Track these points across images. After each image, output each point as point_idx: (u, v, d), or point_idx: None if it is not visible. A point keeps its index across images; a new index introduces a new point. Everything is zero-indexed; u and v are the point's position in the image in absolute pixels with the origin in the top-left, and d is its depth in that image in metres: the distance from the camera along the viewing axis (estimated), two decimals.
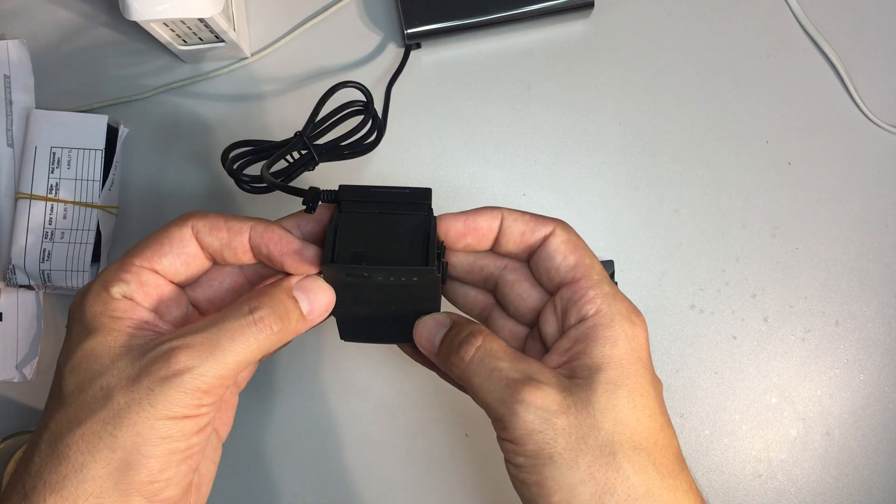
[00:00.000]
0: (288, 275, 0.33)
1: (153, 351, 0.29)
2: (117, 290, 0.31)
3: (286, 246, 0.33)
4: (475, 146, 0.50)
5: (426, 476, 0.48)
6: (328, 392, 0.48)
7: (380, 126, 0.40)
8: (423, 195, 0.34)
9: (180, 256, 0.33)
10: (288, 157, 0.39)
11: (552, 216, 0.35)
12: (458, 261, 0.37)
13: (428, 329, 0.34)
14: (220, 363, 0.29)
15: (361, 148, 0.41)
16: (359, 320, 0.36)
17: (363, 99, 0.39)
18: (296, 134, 0.40)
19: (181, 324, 0.34)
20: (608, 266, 0.48)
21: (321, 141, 0.40)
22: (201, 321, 0.30)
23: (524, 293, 0.35)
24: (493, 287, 0.37)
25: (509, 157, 0.50)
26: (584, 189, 0.49)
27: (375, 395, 0.48)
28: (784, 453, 0.48)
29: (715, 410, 0.48)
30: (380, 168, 0.49)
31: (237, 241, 0.33)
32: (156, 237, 0.33)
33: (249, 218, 0.34)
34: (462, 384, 0.33)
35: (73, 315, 0.31)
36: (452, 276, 0.37)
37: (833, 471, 0.48)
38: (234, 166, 0.39)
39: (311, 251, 0.33)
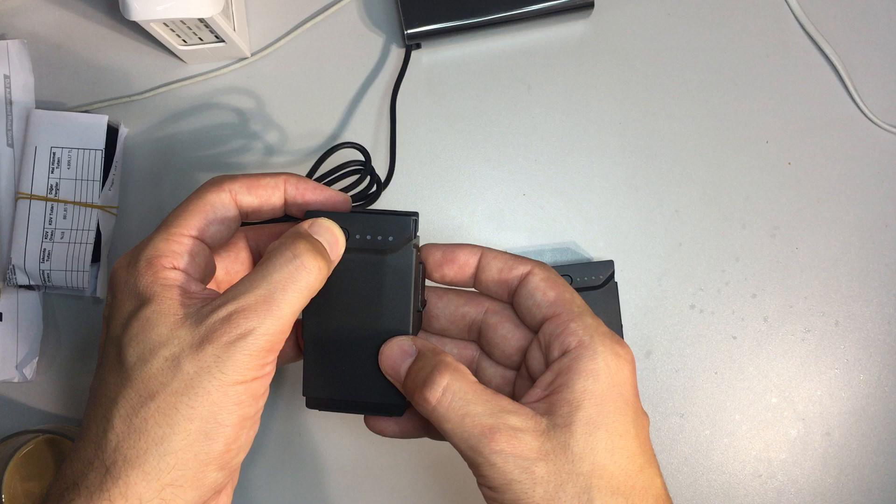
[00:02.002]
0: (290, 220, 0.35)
1: (211, 316, 0.29)
2: (169, 261, 0.31)
3: (321, 193, 0.35)
4: (475, 146, 0.50)
5: (426, 476, 0.48)
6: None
7: (378, 180, 0.41)
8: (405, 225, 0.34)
9: (224, 222, 0.33)
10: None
11: (531, 258, 0.35)
12: (440, 311, 0.37)
13: (392, 356, 0.33)
14: (279, 318, 0.29)
15: (364, 199, 0.41)
16: (328, 351, 0.35)
17: (362, 158, 0.40)
18: None
19: (215, 284, 0.35)
20: (608, 266, 0.48)
21: None
22: (246, 279, 0.30)
23: (508, 334, 0.35)
24: (476, 336, 0.37)
25: (509, 157, 0.50)
26: (584, 189, 0.49)
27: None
28: (784, 453, 0.48)
29: (715, 410, 0.48)
30: (379, 170, 0.49)
31: (275, 196, 0.34)
32: (196, 204, 0.33)
33: (276, 173, 0.35)
34: (433, 423, 0.32)
35: (120, 285, 0.31)
36: (435, 329, 0.37)
37: (833, 471, 0.48)
38: None
39: (342, 196, 0.35)
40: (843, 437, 0.48)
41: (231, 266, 0.36)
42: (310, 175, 0.40)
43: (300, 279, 0.30)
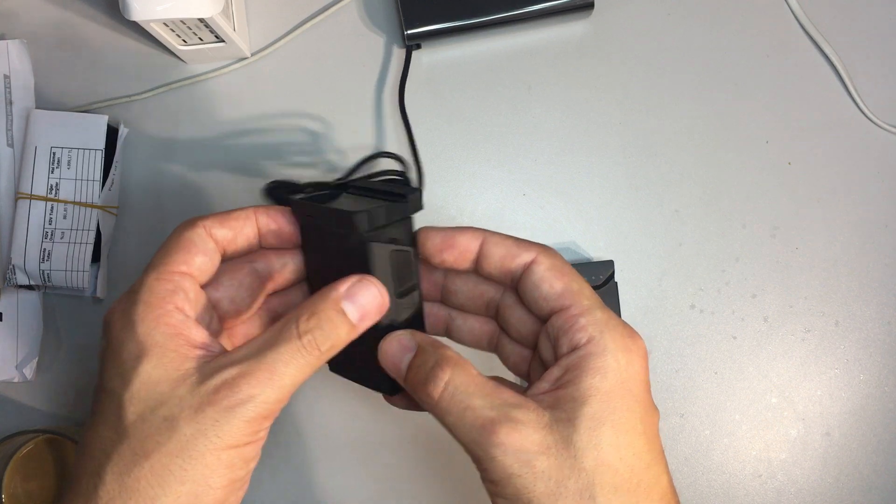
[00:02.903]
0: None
1: (213, 378, 0.28)
2: (166, 303, 0.30)
3: (291, 216, 0.35)
4: (475, 146, 0.50)
5: (426, 476, 0.48)
6: (327, 391, 0.48)
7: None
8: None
9: (207, 254, 0.33)
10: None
11: (536, 242, 0.34)
12: (458, 287, 0.37)
13: (392, 353, 0.33)
14: (279, 388, 0.29)
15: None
16: None
17: (401, 170, 0.39)
18: (335, 182, 0.40)
19: (213, 329, 0.34)
20: (608, 266, 0.48)
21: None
22: (253, 343, 0.30)
23: (524, 316, 0.35)
24: (494, 313, 0.37)
25: (509, 157, 0.50)
26: (584, 189, 0.49)
27: (375, 394, 0.48)
28: (784, 453, 0.48)
29: (715, 410, 0.48)
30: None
31: (248, 227, 0.34)
32: (177, 242, 0.32)
33: (246, 207, 0.35)
34: (435, 418, 0.31)
35: (119, 333, 0.30)
36: (454, 304, 0.37)
37: (833, 471, 0.48)
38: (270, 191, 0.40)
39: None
40: (843, 437, 0.48)
41: (236, 294, 0.36)
42: (345, 177, 0.40)
43: (304, 357, 0.30)
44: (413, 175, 0.39)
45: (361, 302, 0.31)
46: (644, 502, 0.29)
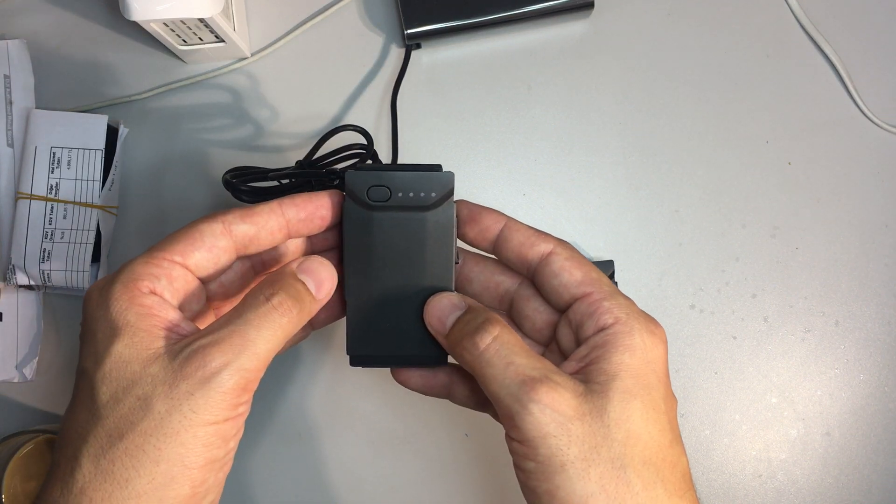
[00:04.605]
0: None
1: (184, 352, 0.28)
2: (146, 286, 0.30)
3: (318, 199, 0.34)
4: (475, 146, 0.50)
5: (426, 476, 0.48)
6: (327, 392, 0.48)
7: (381, 163, 0.41)
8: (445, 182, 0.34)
9: (212, 250, 0.32)
10: (283, 181, 0.41)
11: (555, 235, 0.35)
12: (475, 276, 0.37)
13: (440, 308, 0.34)
14: (253, 354, 0.29)
15: None
16: (370, 308, 0.35)
17: (364, 142, 0.40)
18: (297, 163, 0.41)
19: (198, 318, 0.34)
20: (608, 266, 0.48)
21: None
22: (221, 318, 0.30)
23: (540, 307, 0.35)
24: (508, 307, 0.37)
25: (509, 157, 0.50)
26: (584, 189, 0.49)
27: (375, 394, 0.48)
28: (784, 453, 0.48)
29: (715, 410, 0.48)
30: None
31: (272, 221, 0.33)
32: (186, 232, 0.32)
33: (267, 202, 0.34)
34: (472, 373, 0.32)
35: (94, 311, 0.30)
36: (469, 293, 0.38)
37: (833, 471, 0.48)
38: (233, 180, 0.40)
39: (328, 199, 0.35)
40: (843, 437, 0.48)
41: (225, 277, 0.36)
42: (310, 156, 0.40)
43: (273, 319, 0.30)
44: (378, 149, 0.41)
45: (315, 277, 0.32)
46: (669, 478, 0.30)
